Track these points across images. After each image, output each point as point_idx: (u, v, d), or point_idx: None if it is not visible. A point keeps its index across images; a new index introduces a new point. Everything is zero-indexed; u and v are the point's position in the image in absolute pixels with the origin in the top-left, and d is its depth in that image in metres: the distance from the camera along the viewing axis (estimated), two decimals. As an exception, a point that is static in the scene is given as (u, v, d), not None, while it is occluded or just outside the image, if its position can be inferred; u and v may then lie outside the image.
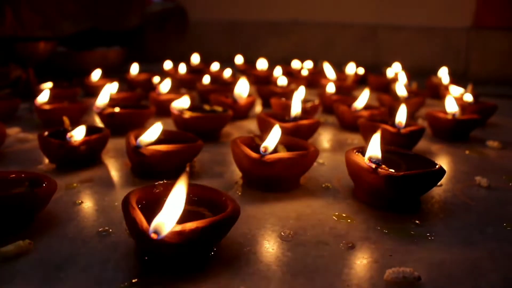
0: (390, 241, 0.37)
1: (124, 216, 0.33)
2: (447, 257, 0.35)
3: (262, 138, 0.50)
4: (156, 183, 0.37)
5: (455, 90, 0.90)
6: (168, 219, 0.28)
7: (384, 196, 0.42)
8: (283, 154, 0.43)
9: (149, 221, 0.30)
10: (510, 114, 0.91)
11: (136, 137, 0.49)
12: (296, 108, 0.60)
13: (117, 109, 0.66)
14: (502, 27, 1.32)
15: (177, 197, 0.30)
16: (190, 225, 0.29)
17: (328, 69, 1.09)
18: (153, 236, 0.28)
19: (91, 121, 0.77)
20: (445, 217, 0.42)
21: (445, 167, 0.58)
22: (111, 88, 0.66)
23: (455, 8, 1.39)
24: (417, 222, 0.41)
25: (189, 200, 0.36)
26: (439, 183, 0.51)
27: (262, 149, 0.43)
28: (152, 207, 0.34)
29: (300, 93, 0.71)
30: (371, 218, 0.41)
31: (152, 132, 0.47)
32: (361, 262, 0.34)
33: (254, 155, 0.43)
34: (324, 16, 1.53)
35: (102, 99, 0.65)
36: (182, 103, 0.62)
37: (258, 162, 0.42)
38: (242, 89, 0.73)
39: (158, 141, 0.49)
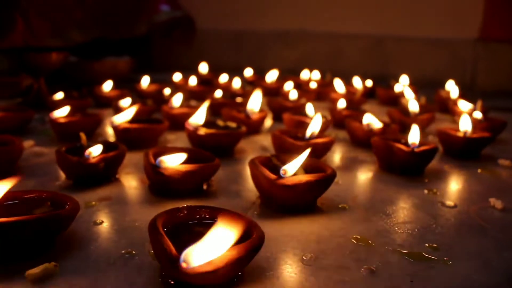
0: (409, 266, 0.38)
1: (151, 241, 0.33)
2: (467, 284, 0.35)
3: (279, 157, 0.51)
4: (180, 207, 0.37)
5: (464, 105, 0.90)
6: (201, 252, 0.29)
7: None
8: (302, 177, 0.44)
9: (175, 246, 0.30)
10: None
11: (155, 156, 0.50)
12: (313, 129, 0.61)
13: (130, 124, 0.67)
14: (509, 39, 1.32)
15: (217, 236, 0.30)
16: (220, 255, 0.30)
17: (338, 84, 1.09)
18: (183, 265, 0.28)
19: (103, 133, 0.78)
20: (461, 241, 0.43)
21: (458, 187, 0.58)
22: (133, 108, 0.67)
23: (462, 20, 1.40)
24: (434, 245, 0.41)
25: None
26: (453, 204, 0.51)
27: (282, 171, 0.43)
28: (177, 231, 0.35)
29: (311, 110, 0.71)
30: (389, 241, 0.42)
31: (175, 158, 0.48)
32: (383, 287, 0.34)
33: (273, 177, 0.43)
34: (331, 27, 1.54)
35: (123, 117, 0.66)
36: (198, 119, 0.63)
37: (277, 184, 0.43)
38: (255, 103, 0.74)
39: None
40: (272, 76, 1.22)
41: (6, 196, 0.41)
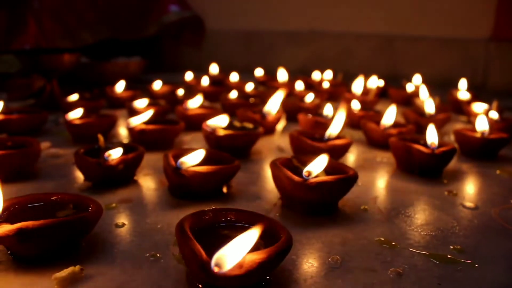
0: (435, 268, 0.37)
1: (179, 244, 0.33)
2: (497, 286, 0.35)
3: (299, 159, 0.51)
4: (206, 210, 0.37)
5: (479, 106, 0.90)
6: (233, 255, 0.29)
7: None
8: (326, 177, 0.43)
9: (203, 249, 0.30)
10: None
11: (174, 157, 0.49)
12: (334, 130, 0.60)
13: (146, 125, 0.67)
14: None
15: (248, 238, 0.30)
16: (249, 258, 0.30)
17: (357, 85, 1.08)
18: (216, 269, 0.28)
19: (116, 135, 0.78)
20: (485, 243, 0.42)
21: (478, 188, 0.58)
22: (151, 111, 0.67)
23: (473, 19, 1.39)
24: (458, 247, 0.41)
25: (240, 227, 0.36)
26: (474, 206, 0.51)
27: (305, 173, 0.43)
28: (203, 234, 0.35)
29: (329, 110, 0.71)
30: (413, 243, 0.41)
31: (195, 156, 0.48)
32: (412, 291, 0.34)
33: (297, 178, 0.43)
34: (341, 26, 1.53)
35: (139, 119, 0.66)
36: (218, 121, 0.63)
37: (301, 186, 0.43)
38: (275, 104, 0.74)
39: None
40: (281, 75, 1.22)
41: (30, 198, 0.41)
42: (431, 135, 0.60)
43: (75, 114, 0.70)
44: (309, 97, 0.91)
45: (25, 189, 0.50)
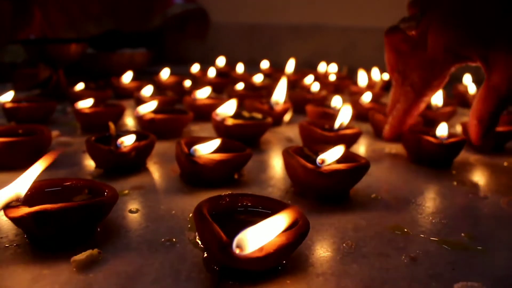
0: (448, 254, 0.38)
1: (198, 228, 0.33)
2: (509, 272, 0.35)
3: (310, 148, 0.51)
4: (223, 195, 0.37)
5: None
6: (256, 238, 0.29)
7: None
8: (339, 165, 0.44)
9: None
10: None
11: (187, 145, 0.50)
12: (342, 119, 0.61)
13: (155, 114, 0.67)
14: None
15: (274, 223, 0.30)
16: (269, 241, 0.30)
17: (362, 77, 1.09)
18: (237, 250, 0.28)
19: (123, 124, 0.78)
20: (495, 230, 0.43)
21: (486, 178, 0.58)
22: (155, 102, 0.67)
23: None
24: (470, 234, 0.41)
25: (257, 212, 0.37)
26: (483, 196, 0.51)
27: (319, 160, 0.44)
28: (219, 218, 0.35)
29: (338, 102, 0.71)
30: (425, 230, 0.42)
31: (210, 145, 0.48)
32: (426, 275, 0.34)
33: (310, 166, 0.43)
34: (345, 20, 1.53)
35: (147, 107, 0.66)
36: (227, 109, 0.63)
37: (315, 173, 0.43)
38: (281, 94, 0.74)
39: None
40: (290, 66, 1.22)
41: (46, 183, 0.41)
42: (441, 127, 0.60)
43: (85, 104, 0.70)
44: (315, 87, 0.91)
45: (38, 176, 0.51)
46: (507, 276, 0.35)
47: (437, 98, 0.83)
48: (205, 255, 0.35)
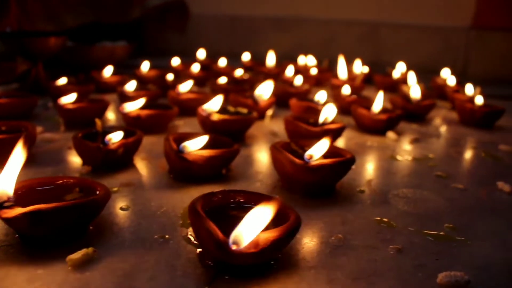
0: (432, 245, 0.39)
1: (193, 225, 0.34)
2: (490, 261, 0.37)
3: (297, 143, 0.52)
4: (215, 191, 0.38)
5: (469, 90, 0.93)
6: (248, 232, 0.30)
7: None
8: (326, 160, 0.45)
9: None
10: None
11: (175, 141, 0.50)
12: (327, 114, 0.62)
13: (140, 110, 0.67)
14: (502, 27, 1.35)
15: (262, 215, 0.31)
16: (263, 237, 0.31)
17: (341, 69, 1.10)
18: (234, 247, 0.29)
19: (107, 120, 0.77)
20: (476, 221, 0.45)
21: (465, 170, 0.61)
22: (143, 98, 0.67)
23: (455, 7, 1.42)
24: (452, 225, 0.43)
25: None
26: (463, 187, 0.53)
27: (307, 156, 0.45)
28: (213, 215, 0.36)
29: (323, 96, 0.72)
30: (410, 222, 0.43)
31: (198, 141, 0.48)
32: (412, 265, 0.36)
33: (298, 161, 0.44)
34: (326, 13, 1.54)
35: (134, 105, 0.66)
36: (213, 105, 0.63)
37: (302, 168, 0.44)
38: (266, 90, 0.74)
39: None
40: (271, 59, 1.23)
41: (37, 182, 0.41)
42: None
43: (68, 99, 0.69)
44: (298, 80, 0.92)
45: (25, 174, 0.50)
46: (488, 265, 0.37)
47: (415, 92, 0.85)
48: (198, 250, 0.35)
